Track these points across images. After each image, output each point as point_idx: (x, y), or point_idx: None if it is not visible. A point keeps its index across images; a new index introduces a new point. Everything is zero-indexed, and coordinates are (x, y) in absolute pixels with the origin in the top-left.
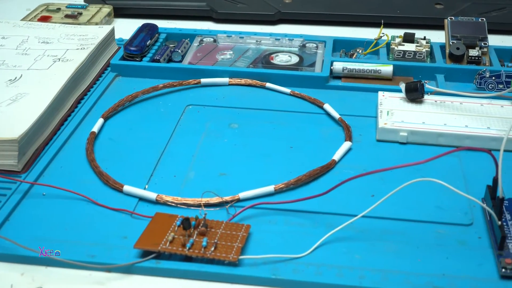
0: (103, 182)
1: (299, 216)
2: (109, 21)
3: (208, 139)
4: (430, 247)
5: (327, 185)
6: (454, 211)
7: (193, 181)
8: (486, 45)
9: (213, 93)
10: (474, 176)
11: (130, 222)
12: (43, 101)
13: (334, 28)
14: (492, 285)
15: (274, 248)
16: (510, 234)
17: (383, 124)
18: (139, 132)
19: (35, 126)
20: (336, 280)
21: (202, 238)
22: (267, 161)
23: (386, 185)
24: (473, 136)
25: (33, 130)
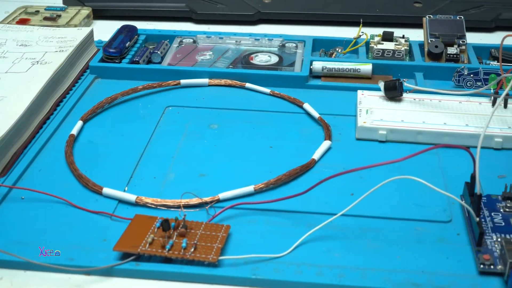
0: (82, 184)
1: (279, 216)
2: (88, 23)
3: (187, 140)
4: (409, 245)
5: (307, 184)
6: (433, 208)
7: (173, 183)
8: (464, 43)
9: (192, 94)
10: (452, 173)
11: (110, 225)
12: (21, 104)
13: (314, 27)
14: (470, 281)
15: (254, 248)
16: (488, 231)
17: (362, 122)
18: (119, 134)
19: (13, 129)
20: (316, 279)
21: (182, 239)
22: (247, 161)
23: (366, 183)
24: (451, 134)
25: (11, 133)
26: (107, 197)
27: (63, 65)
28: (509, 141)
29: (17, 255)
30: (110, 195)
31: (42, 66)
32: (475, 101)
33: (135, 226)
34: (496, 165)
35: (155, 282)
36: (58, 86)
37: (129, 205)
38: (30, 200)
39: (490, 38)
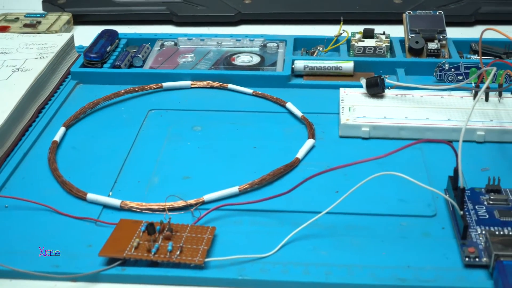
0: (66, 191)
1: (264, 216)
2: (68, 29)
3: (171, 143)
4: (394, 240)
5: (291, 183)
6: (418, 203)
7: (158, 186)
8: (444, 38)
9: (175, 96)
10: (436, 168)
11: (95, 230)
12: (3, 112)
13: (295, 27)
14: (456, 274)
15: (240, 249)
16: (472, 223)
17: (345, 120)
18: (102, 139)
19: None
20: (302, 278)
21: (167, 243)
22: (231, 162)
23: (350, 180)
24: (434, 128)
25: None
26: (92, 202)
27: (44, 71)
28: (491, 134)
29: (2, 263)
30: (95, 200)
31: (23, 73)
32: (456, 95)
33: (120, 230)
34: (479, 158)
35: (141, 286)
36: (40, 93)
37: (114, 210)
38: (14, 208)
39: (470, 32)
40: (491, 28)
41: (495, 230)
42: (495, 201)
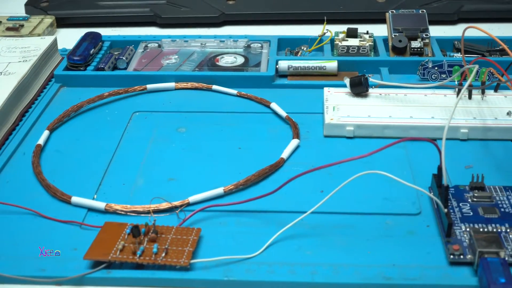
0: (50, 194)
1: (249, 216)
2: (51, 32)
3: (156, 144)
4: (379, 239)
5: (276, 183)
6: (402, 201)
7: (143, 188)
8: (427, 36)
9: (159, 98)
10: (420, 166)
11: (80, 234)
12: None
13: (278, 27)
14: (441, 272)
15: (226, 250)
16: (457, 221)
17: (330, 119)
18: (86, 142)
19: None
20: (288, 278)
21: (153, 245)
22: (216, 163)
23: (335, 180)
24: (417, 127)
25: None
26: (76, 206)
27: (27, 75)
28: (474, 131)
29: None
30: (79, 203)
31: (6, 77)
32: (440, 93)
33: (105, 233)
34: (463, 156)
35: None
36: (23, 97)
37: (98, 213)
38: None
39: (453, 30)
40: (472, 26)
41: (479, 227)
42: (479, 199)
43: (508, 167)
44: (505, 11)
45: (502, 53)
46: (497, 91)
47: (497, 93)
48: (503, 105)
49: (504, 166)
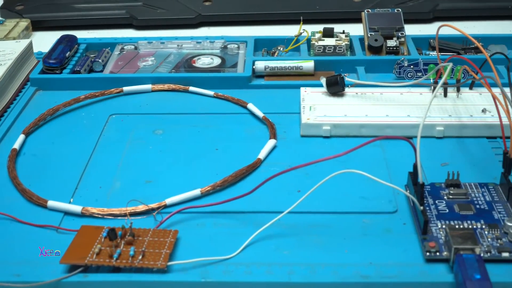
0: (26, 199)
1: (227, 217)
2: (27, 35)
3: (132, 147)
4: (356, 237)
5: (253, 184)
6: (379, 200)
7: (119, 191)
8: (403, 35)
9: (136, 100)
10: (396, 164)
11: (56, 238)
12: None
13: (255, 27)
14: (417, 269)
15: (203, 251)
16: (433, 218)
17: (306, 119)
18: (62, 146)
19: None
20: (265, 278)
21: (129, 248)
22: (193, 165)
23: (312, 179)
24: (393, 125)
25: None
26: (53, 210)
27: (2, 78)
28: (450, 129)
29: None
30: (56, 207)
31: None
32: (416, 91)
33: (81, 237)
34: (439, 153)
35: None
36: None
37: (75, 216)
38: None
39: (429, 29)
40: (446, 24)
41: (455, 224)
42: (454, 196)
43: (483, 164)
44: (480, 9)
45: (477, 51)
46: (472, 89)
47: (472, 91)
48: (478, 103)
49: (479, 163)
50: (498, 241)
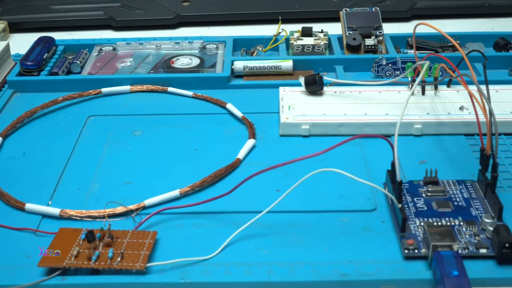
0: (4, 202)
1: (206, 218)
2: (4, 37)
3: (111, 148)
4: (335, 236)
5: (232, 184)
6: (358, 198)
7: (98, 193)
8: (381, 34)
9: (114, 102)
10: (375, 162)
11: (34, 241)
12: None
13: (234, 27)
14: (396, 267)
15: (182, 252)
16: (411, 216)
17: (285, 119)
18: (40, 148)
19: None
20: (245, 278)
21: (108, 250)
22: (172, 165)
23: (291, 179)
24: (372, 124)
25: None
26: (31, 212)
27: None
28: (428, 127)
29: None
30: (34, 210)
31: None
32: (394, 90)
33: (60, 240)
34: (417, 151)
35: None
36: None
37: (53, 219)
38: None
39: (407, 27)
40: (423, 23)
41: (433, 221)
42: (432, 193)
43: (460, 161)
44: (458, 7)
45: (454, 49)
46: (450, 87)
47: (450, 89)
48: (456, 100)
49: (457, 160)
50: (475, 238)
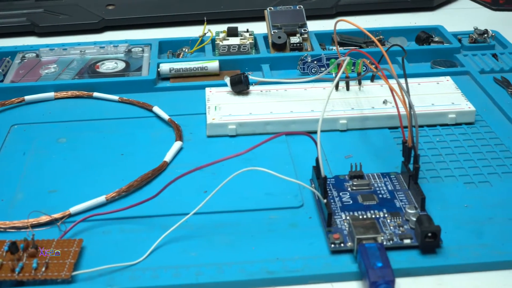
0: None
1: (133, 223)
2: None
3: (36, 157)
4: (263, 234)
5: (160, 187)
6: (285, 195)
7: (22, 202)
8: (306, 31)
9: (39, 109)
10: (302, 159)
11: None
12: None
13: (160, 30)
14: (323, 261)
15: (109, 259)
16: (337, 210)
17: (211, 119)
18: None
19: None
20: (173, 281)
21: (32, 260)
22: (98, 171)
23: (218, 179)
24: (298, 121)
25: None
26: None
27: None
28: (353, 121)
29: None
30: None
31: None
32: (319, 86)
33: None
34: (343, 146)
35: None
36: None
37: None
38: None
39: (332, 24)
40: (343, 19)
41: (358, 214)
42: (358, 187)
43: (385, 154)
44: (382, 3)
45: None
46: (374, 81)
47: (374, 83)
48: (380, 94)
49: (381, 153)
50: (400, 229)
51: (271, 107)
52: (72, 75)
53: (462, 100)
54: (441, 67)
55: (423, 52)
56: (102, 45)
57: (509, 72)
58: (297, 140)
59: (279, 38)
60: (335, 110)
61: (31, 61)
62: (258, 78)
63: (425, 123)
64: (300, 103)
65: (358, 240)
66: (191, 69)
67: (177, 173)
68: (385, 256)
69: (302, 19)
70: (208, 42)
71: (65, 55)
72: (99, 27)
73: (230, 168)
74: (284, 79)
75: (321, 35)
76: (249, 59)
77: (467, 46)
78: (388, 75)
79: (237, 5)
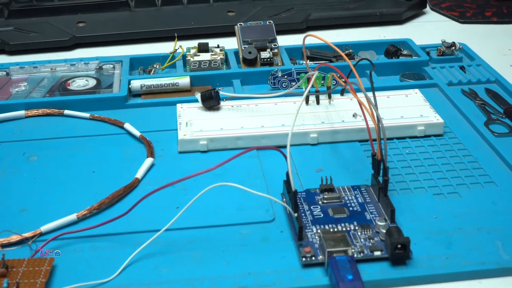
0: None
1: (105, 240)
2: None
3: (5, 176)
4: (235, 249)
5: (131, 204)
6: (256, 210)
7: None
8: (276, 46)
9: (9, 128)
10: (273, 174)
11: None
12: None
13: (131, 46)
14: (294, 275)
15: (81, 277)
16: (308, 224)
17: (183, 135)
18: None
19: None
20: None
21: (3, 280)
22: (69, 189)
23: (190, 195)
24: (268, 135)
25: None
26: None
27: None
28: (323, 135)
29: None
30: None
31: None
32: (290, 101)
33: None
34: (314, 160)
35: None
36: None
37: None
38: None
39: (302, 39)
40: (310, 34)
41: (329, 227)
42: (328, 200)
43: (355, 167)
44: (351, 17)
45: (348, 57)
46: (343, 95)
47: (344, 97)
48: (349, 108)
49: (351, 166)
50: (370, 241)
51: (242, 122)
52: (43, 93)
53: (430, 112)
54: (410, 80)
55: (392, 65)
56: (73, 62)
57: (477, 84)
58: (269, 154)
59: (249, 53)
60: (306, 124)
61: (1, 80)
62: (228, 94)
63: (395, 135)
64: (271, 118)
65: (328, 253)
66: (162, 85)
67: (148, 190)
68: (356, 269)
69: (272, 34)
70: (179, 58)
71: (35, 73)
72: (69, 44)
73: (202, 183)
74: (255, 94)
75: (292, 50)
76: (220, 75)
77: (435, 59)
78: (356, 89)
79: (208, 21)
